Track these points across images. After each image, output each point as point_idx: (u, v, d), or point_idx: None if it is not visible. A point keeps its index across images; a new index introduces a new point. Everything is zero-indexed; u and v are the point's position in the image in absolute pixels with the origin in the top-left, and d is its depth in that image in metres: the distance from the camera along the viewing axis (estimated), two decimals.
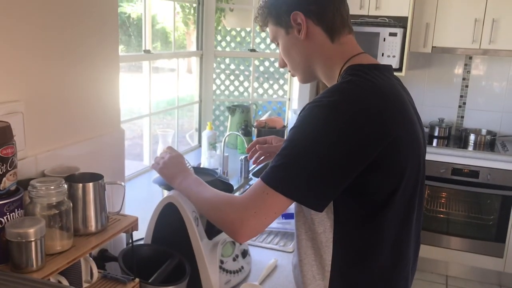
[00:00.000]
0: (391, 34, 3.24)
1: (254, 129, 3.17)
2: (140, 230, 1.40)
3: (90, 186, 1.07)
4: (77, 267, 1.13)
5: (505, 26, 3.25)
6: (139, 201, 1.91)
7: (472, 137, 3.57)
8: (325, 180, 0.96)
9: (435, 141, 3.61)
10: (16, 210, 0.94)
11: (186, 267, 1.31)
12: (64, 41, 1.21)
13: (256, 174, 2.63)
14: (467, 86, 3.74)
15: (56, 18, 1.18)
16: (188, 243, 1.40)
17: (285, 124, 3.30)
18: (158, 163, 1.32)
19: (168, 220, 1.42)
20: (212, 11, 2.95)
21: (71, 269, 1.10)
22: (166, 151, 1.38)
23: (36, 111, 1.14)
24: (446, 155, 3.33)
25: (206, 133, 2.63)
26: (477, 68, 3.73)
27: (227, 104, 3.39)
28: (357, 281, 1.08)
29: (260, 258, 1.65)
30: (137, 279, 1.17)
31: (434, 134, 3.68)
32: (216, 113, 4.17)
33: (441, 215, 3.53)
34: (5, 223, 0.92)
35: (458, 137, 3.72)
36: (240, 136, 2.76)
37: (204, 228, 1.47)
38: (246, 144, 2.69)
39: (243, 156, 2.52)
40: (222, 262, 1.44)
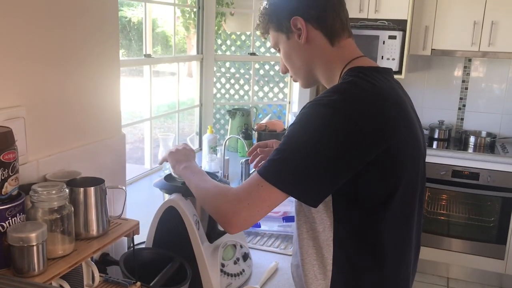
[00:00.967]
0: (391, 37, 3.25)
1: (255, 132, 3.18)
2: (141, 234, 1.41)
3: (91, 190, 1.08)
4: (78, 271, 1.13)
5: (504, 28, 3.26)
6: (140, 204, 1.92)
7: (472, 139, 3.58)
8: (319, 176, 0.96)
9: (435, 143, 3.62)
10: (18, 214, 0.95)
11: (187, 271, 1.32)
12: (65, 46, 1.22)
13: None
14: (466, 88, 3.75)
15: (57, 23, 1.18)
16: (189, 247, 1.41)
17: (285, 127, 3.31)
18: (172, 149, 1.41)
19: (169, 223, 1.43)
20: (212, 15, 2.96)
21: (72, 273, 1.10)
22: (182, 145, 1.47)
23: (38, 116, 1.15)
24: (446, 157, 3.34)
25: (206, 136, 2.64)
26: (476, 70, 3.74)
27: (227, 108, 3.40)
28: (358, 281, 1.08)
29: (261, 261, 1.65)
30: (138, 283, 1.17)
31: (434, 136, 3.69)
32: (217, 116, 4.18)
33: (441, 217, 3.53)
34: (7, 227, 0.92)
35: (458, 139, 3.73)
36: (241, 140, 2.77)
37: (205, 232, 1.47)
38: (246, 147, 2.70)
39: (244, 159, 2.53)
40: (223, 265, 1.45)
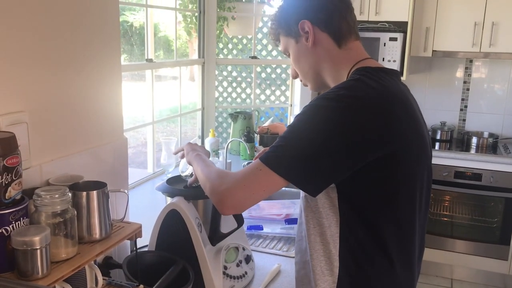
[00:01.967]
0: (391, 39, 3.25)
1: (257, 135, 3.19)
2: (144, 237, 1.42)
3: (94, 194, 1.09)
4: (82, 274, 1.14)
5: (504, 29, 3.26)
6: (142, 208, 1.93)
7: (474, 140, 3.58)
8: (319, 165, 0.97)
9: (437, 144, 3.62)
10: (21, 218, 0.96)
11: (190, 273, 1.32)
12: (67, 52, 1.23)
13: None
14: (468, 89, 3.75)
15: (59, 28, 1.20)
16: (191, 250, 1.41)
17: None
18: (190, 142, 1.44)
19: (171, 227, 1.43)
20: (213, 20, 2.98)
21: (76, 276, 1.11)
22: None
23: (40, 121, 1.16)
24: (448, 158, 3.33)
25: (209, 140, 2.65)
26: (478, 71, 3.74)
27: (229, 111, 3.41)
28: (363, 278, 1.09)
29: (263, 263, 1.66)
30: (141, 286, 1.18)
31: (436, 138, 3.69)
32: (219, 120, 4.19)
33: (445, 218, 3.52)
34: (11, 231, 0.93)
35: (460, 140, 3.73)
36: (243, 143, 2.78)
37: (207, 234, 1.48)
38: (248, 150, 2.71)
39: (246, 162, 2.54)
40: (225, 267, 1.45)
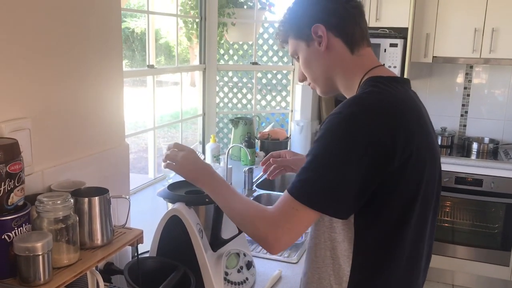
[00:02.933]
0: (392, 45, 3.27)
1: (257, 140, 3.20)
2: (145, 243, 1.42)
3: (96, 200, 1.09)
4: (83, 280, 1.15)
5: (504, 35, 3.28)
6: (144, 213, 1.93)
7: (475, 145, 3.58)
8: (349, 190, 0.98)
9: None
10: (23, 224, 0.96)
11: (191, 279, 1.32)
12: (69, 58, 1.24)
13: (261, 186, 2.65)
14: (468, 95, 3.76)
15: (61, 36, 1.21)
16: (192, 255, 1.42)
17: (288, 136, 3.33)
18: (174, 161, 1.26)
19: (172, 232, 1.44)
20: (214, 26, 2.99)
21: (77, 282, 1.12)
22: (175, 148, 1.29)
23: (43, 127, 1.17)
24: (449, 164, 3.34)
25: (209, 145, 2.66)
26: (478, 77, 3.75)
27: (230, 117, 3.41)
28: None
29: (264, 269, 1.66)
30: None
31: None
32: (220, 125, 4.20)
33: (446, 224, 3.52)
34: (13, 237, 0.94)
35: (461, 145, 3.73)
36: (244, 148, 2.78)
37: (208, 240, 1.48)
38: (249, 155, 2.72)
39: (247, 167, 2.54)
40: (226, 273, 1.46)
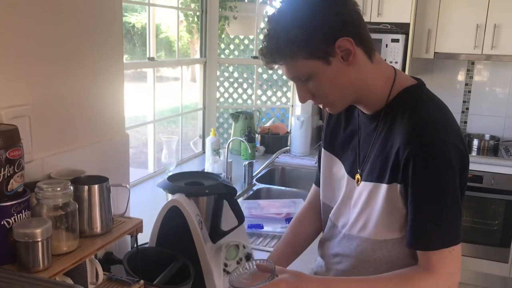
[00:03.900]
0: (393, 40, 3.26)
1: (258, 135, 3.19)
2: (145, 235, 1.42)
3: (96, 188, 1.09)
4: (82, 268, 1.14)
5: (506, 31, 3.26)
6: (143, 206, 1.93)
7: (475, 142, 3.58)
8: (459, 213, 1.06)
9: None
10: (23, 211, 0.96)
11: (191, 270, 1.32)
12: (70, 48, 1.24)
13: (260, 180, 2.65)
14: (470, 92, 3.75)
15: (63, 25, 1.20)
16: (192, 247, 1.41)
17: (288, 131, 3.32)
18: None
19: (172, 223, 1.43)
20: (215, 19, 2.98)
21: (76, 270, 1.11)
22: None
23: (43, 115, 1.16)
24: None
25: (209, 139, 2.65)
26: (479, 74, 3.74)
27: (230, 111, 3.41)
28: None
29: None
30: (142, 281, 1.18)
31: None
32: (220, 120, 4.19)
33: None
34: (12, 223, 0.93)
35: None
36: (244, 142, 2.78)
37: (208, 232, 1.48)
38: (249, 149, 2.71)
39: (247, 162, 2.54)
40: (226, 265, 1.45)
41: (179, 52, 2.79)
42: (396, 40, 3.25)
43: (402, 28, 3.32)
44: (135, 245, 1.26)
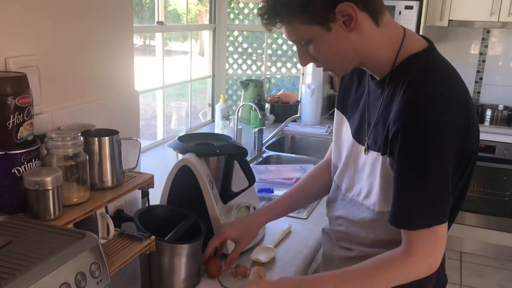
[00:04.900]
0: (407, 7, 3.18)
1: (268, 104, 3.16)
2: (155, 196, 1.41)
3: (106, 140, 1.07)
4: (94, 223, 1.14)
5: None
6: (153, 169, 1.91)
7: (488, 112, 3.52)
8: (450, 193, 1.00)
9: None
10: (33, 160, 0.95)
11: (202, 227, 1.31)
12: (81, 2, 1.21)
13: (270, 148, 2.63)
14: (484, 61, 3.67)
15: None
16: (203, 206, 1.40)
17: (298, 99, 3.28)
18: None
19: (183, 183, 1.42)
20: None
21: (87, 225, 1.11)
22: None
23: (52, 67, 1.14)
24: None
25: (219, 105, 2.63)
26: (495, 43, 3.66)
27: (240, 80, 3.37)
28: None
29: (274, 224, 1.63)
30: (153, 237, 1.17)
31: None
32: (229, 92, 4.15)
33: None
34: (23, 172, 0.93)
35: None
36: (255, 108, 2.74)
37: (218, 193, 1.47)
38: (259, 115, 2.68)
39: (257, 129, 2.52)
40: None
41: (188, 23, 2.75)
42: (410, 7, 3.18)
43: None
44: (146, 204, 1.25)
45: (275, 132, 2.74)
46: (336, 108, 1.31)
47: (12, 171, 0.91)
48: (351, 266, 1.10)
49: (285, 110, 3.13)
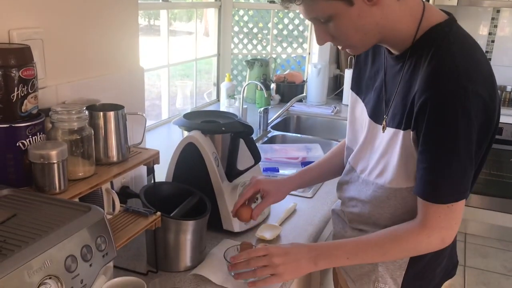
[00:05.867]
0: None
1: (273, 84, 3.14)
2: (161, 173, 1.40)
3: (111, 114, 1.06)
4: (99, 198, 1.13)
5: None
6: (158, 149, 1.91)
7: None
8: (471, 169, 0.99)
9: None
10: (38, 133, 0.94)
11: (207, 204, 1.31)
12: None
13: (276, 127, 2.61)
14: (493, 41, 3.62)
15: None
16: (208, 184, 1.40)
17: (304, 79, 3.26)
18: (275, 273, 1.09)
19: (188, 161, 1.41)
20: None
21: (93, 200, 1.11)
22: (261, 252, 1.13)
23: (56, 41, 1.13)
24: None
25: (224, 84, 2.61)
26: (504, 23, 3.60)
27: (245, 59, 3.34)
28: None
29: (279, 202, 1.64)
30: (158, 213, 1.17)
31: None
32: (234, 72, 4.12)
33: None
34: (27, 145, 0.92)
35: None
36: (260, 86, 2.71)
37: (224, 170, 1.46)
38: (265, 94, 2.66)
39: (262, 108, 2.50)
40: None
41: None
42: None
43: None
44: (152, 181, 1.25)
45: (280, 112, 2.72)
46: (350, 89, 1.29)
47: (17, 144, 0.91)
48: (363, 236, 1.10)
49: (290, 90, 3.11)
